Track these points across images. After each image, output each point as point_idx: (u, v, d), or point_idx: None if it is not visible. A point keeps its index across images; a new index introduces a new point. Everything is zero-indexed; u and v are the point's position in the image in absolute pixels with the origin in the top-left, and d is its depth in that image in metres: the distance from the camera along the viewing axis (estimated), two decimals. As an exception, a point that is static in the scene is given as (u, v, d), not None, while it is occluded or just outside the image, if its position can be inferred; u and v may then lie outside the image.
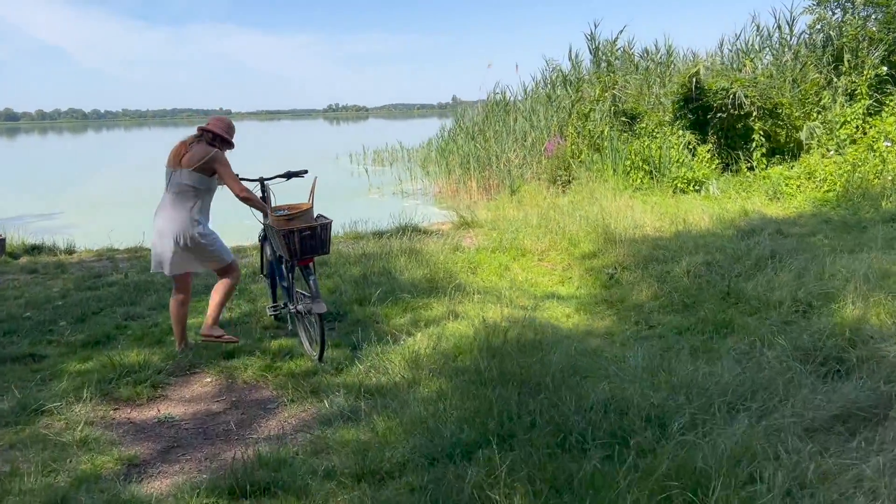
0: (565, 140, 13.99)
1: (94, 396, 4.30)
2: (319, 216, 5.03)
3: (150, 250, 9.19)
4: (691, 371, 3.96)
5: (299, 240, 4.70)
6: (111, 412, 4.20)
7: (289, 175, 5.59)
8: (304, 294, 5.10)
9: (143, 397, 4.38)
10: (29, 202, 18.49)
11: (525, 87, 17.20)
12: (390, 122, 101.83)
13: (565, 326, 5.82)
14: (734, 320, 5.23)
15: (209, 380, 4.69)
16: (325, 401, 4.13)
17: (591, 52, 14.33)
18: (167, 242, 4.83)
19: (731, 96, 11.62)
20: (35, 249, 9.12)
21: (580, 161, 13.02)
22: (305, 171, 5.67)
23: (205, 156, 4.78)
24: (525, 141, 14.61)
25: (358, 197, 17.46)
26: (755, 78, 11.94)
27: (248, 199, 4.91)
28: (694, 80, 11.98)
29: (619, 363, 4.36)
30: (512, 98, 17.00)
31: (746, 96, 11.47)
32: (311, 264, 4.88)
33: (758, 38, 14.43)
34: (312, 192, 5.02)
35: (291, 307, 5.14)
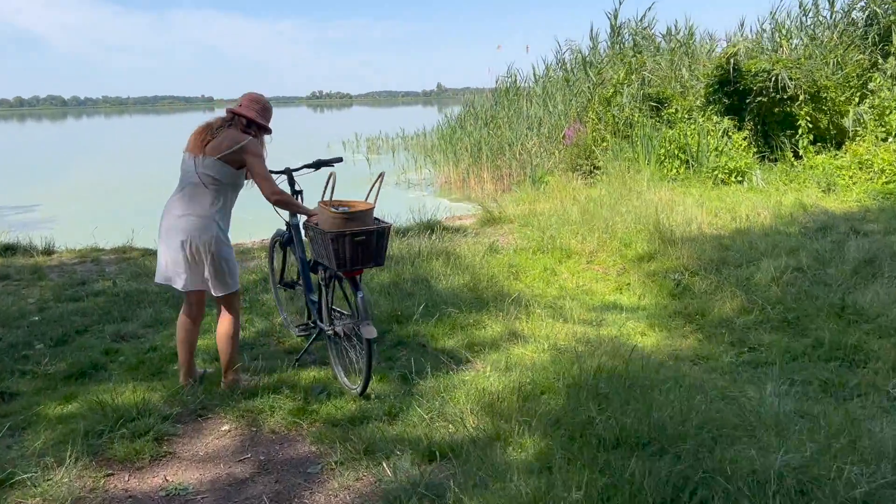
0: (585, 126, 13.03)
1: (81, 456, 3.28)
2: (377, 220, 4.06)
3: (140, 251, 8.22)
4: (874, 430, 3.01)
5: (350, 246, 3.72)
6: (103, 480, 3.19)
7: (318, 164, 4.59)
8: (340, 312, 4.13)
9: (144, 456, 3.37)
10: (4, 193, 17.27)
11: (535, 70, 16.16)
12: (375, 110, 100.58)
13: (644, 347, 4.87)
14: (866, 345, 4.31)
15: (227, 427, 3.69)
16: (386, 465, 3.15)
17: (613, 32, 13.33)
18: (176, 246, 3.82)
19: (773, 79, 10.68)
20: (8, 250, 8.02)
21: (603, 149, 12.07)
22: (339, 159, 4.71)
23: (235, 143, 3.79)
24: (540, 128, 13.62)
25: (359, 187, 16.36)
26: (799, 59, 11.01)
27: (281, 201, 3.96)
28: (732, 61, 11.03)
29: (757, 409, 3.40)
30: (523, 82, 15.99)
31: (791, 79, 10.53)
32: (358, 277, 3.90)
33: (790, 17, 13.49)
34: (377, 189, 4.01)
35: (326, 328, 4.16)
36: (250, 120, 3.90)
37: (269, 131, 4.06)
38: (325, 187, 3.98)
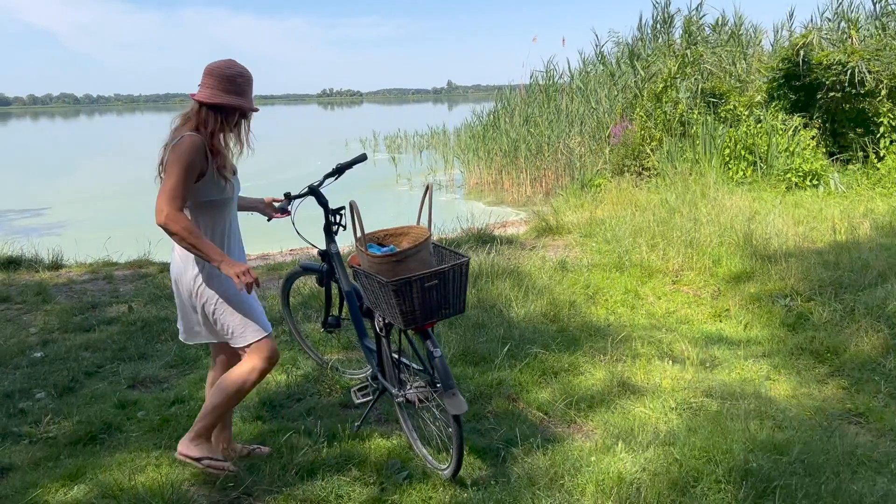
0: (633, 124, 12.08)
1: (89, 578, 2.41)
2: (438, 248, 3.12)
3: (158, 265, 7.34)
4: None
5: (420, 294, 2.75)
6: None
7: (340, 170, 3.64)
8: (407, 365, 3.21)
9: (174, 576, 2.49)
10: (12, 195, 16.50)
11: (569, 65, 15.20)
12: (386, 108, 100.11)
13: (777, 397, 3.95)
14: None
15: (281, 526, 2.80)
16: None
17: (664, 22, 12.36)
18: (175, 293, 2.95)
19: (849, 72, 9.69)
20: (12, 263, 7.18)
21: (652, 149, 11.12)
22: (363, 157, 3.77)
23: (166, 148, 2.71)
24: (583, 126, 12.66)
25: (385, 188, 15.53)
26: (877, 49, 10.00)
27: (169, 232, 2.60)
28: (801, 53, 10.04)
29: None
30: (559, 77, 15.02)
31: (870, 72, 9.54)
32: (431, 329, 2.96)
33: (852, 6, 12.47)
34: (429, 206, 3.02)
35: (394, 393, 3.21)
36: (201, 103, 2.73)
37: (232, 111, 2.76)
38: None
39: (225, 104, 2.73)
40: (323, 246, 3.75)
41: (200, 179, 2.72)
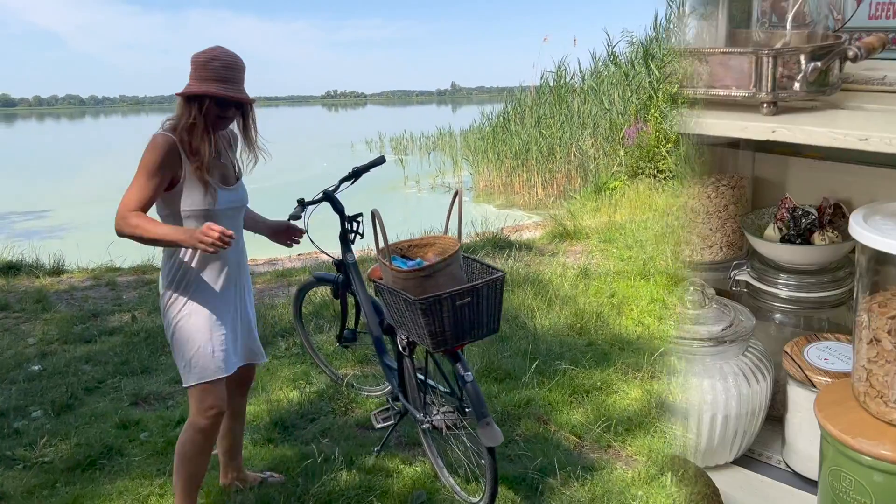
0: (648, 126, 11.81)
1: None
2: (467, 259, 2.83)
3: (160, 270, 7.13)
4: None
5: (452, 313, 2.47)
6: None
7: (357, 173, 3.40)
8: (433, 387, 2.96)
9: None
10: (15, 197, 16.31)
11: (580, 65, 14.96)
12: (390, 109, 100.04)
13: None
14: None
15: (297, 567, 2.54)
16: None
17: (677, 20, 12.09)
18: None
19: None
20: (12, 269, 6.94)
21: (668, 150, 10.84)
22: (381, 160, 3.54)
23: None
24: (596, 127, 12.40)
25: (392, 190, 15.27)
26: None
27: (126, 236, 2.27)
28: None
29: None
30: (570, 78, 14.77)
31: None
32: (461, 350, 2.68)
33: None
34: (458, 214, 2.71)
35: (419, 418, 2.95)
36: (180, 96, 2.36)
37: (202, 101, 2.34)
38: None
39: (196, 93, 2.32)
40: (338, 255, 3.51)
41: (175, 186, 2.37)
